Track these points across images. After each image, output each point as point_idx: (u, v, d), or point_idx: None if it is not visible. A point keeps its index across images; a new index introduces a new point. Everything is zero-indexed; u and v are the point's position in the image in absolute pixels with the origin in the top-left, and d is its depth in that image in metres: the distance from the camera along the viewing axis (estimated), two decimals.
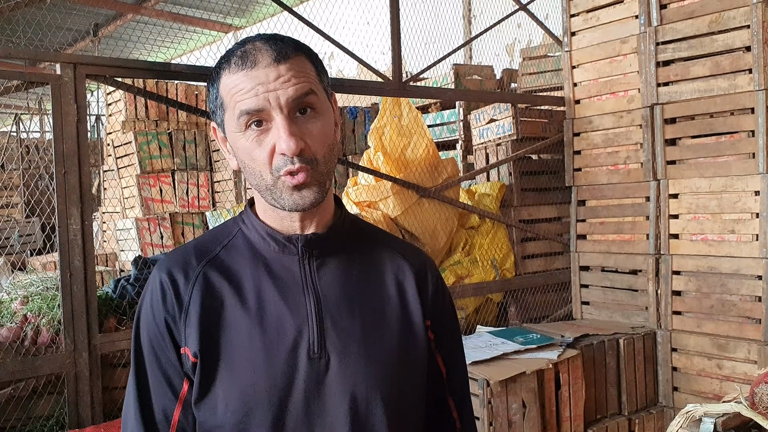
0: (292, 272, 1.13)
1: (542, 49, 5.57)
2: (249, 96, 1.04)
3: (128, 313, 2.83)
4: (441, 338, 1.24)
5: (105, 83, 2.84)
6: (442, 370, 1.24)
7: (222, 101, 1.09)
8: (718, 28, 3.48)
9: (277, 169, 1.05)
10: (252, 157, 1.07)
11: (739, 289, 3.43)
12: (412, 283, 1.20)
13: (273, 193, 1.08)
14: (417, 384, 1.17)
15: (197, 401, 1.08)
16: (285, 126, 1.04)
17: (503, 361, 3.11)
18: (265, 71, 1.05)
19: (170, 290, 1.10)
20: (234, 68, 1.07)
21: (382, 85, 3.54)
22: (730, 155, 3.48)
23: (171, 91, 7.09)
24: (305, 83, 1.07)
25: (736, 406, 1.33)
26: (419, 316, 1.18)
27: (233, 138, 1.09)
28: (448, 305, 1.27)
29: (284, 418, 1.06)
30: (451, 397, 1.27)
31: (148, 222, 6.60)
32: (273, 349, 1.07)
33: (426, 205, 3.78)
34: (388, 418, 1.10)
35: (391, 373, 1.12)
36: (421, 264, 1.24)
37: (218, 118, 1.12)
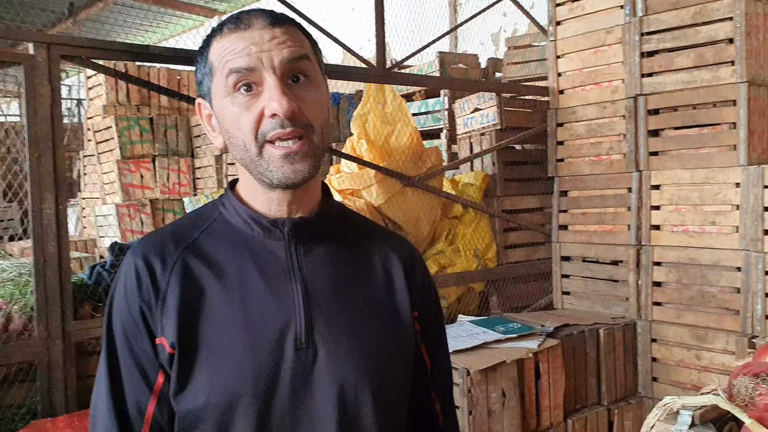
0: (277, 258, 1.07)
1: (527, 39, 5.55)
2: (241, 55, 0.99)
3: (104, 299, 2.79)
4: (427, 330, 1.21)
5: (81, 65, 2.78)
6: (427, 363, 1.22)
7: (211, 67, 1.04)
8: (702, 19, 3.48)
9: (263, 133, 1.00)
10: (238, 125, 1.01)
11: (719, 280, 3.45)
12: (401, 274, 1.16)
13: (258, 166, 1.02)
14: (404, 375, 1.14)
15: (176, 394, 1.02)
16: (277, 85, 0.99)
17: (484, 350, 3.11)
18: (260, 32, 1.00)
19: (146, 277, 1.04)
20: (226, 32, 1.02)
21: (366, 71, 3.50)
22: (712, 147, 3.48)
23: (153, 76, 7.01)
24: (300, 47, 1.03)
25: (713, 399, 1.32)
26: (407, 307, 1.15)
27: (220, 105, 1.03)
28: (435, 297, 1.24)
29: (269, 411, 1.01)
30: (435, 390, 1.24)
31: (129, 208, 6.53)
32: (258, 339, 1.02)
33: (409, 194, 3.76)
34: (376, 410, 1.06)
35: (379, 365, 1.08)
36: (410, 255, 1.20)
37: (205, 88, 1.07)
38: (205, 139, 6.96)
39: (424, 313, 1.20)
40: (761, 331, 3.26)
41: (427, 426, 1.25)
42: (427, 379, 1.22)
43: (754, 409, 1.29)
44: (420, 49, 3.78)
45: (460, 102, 4.53)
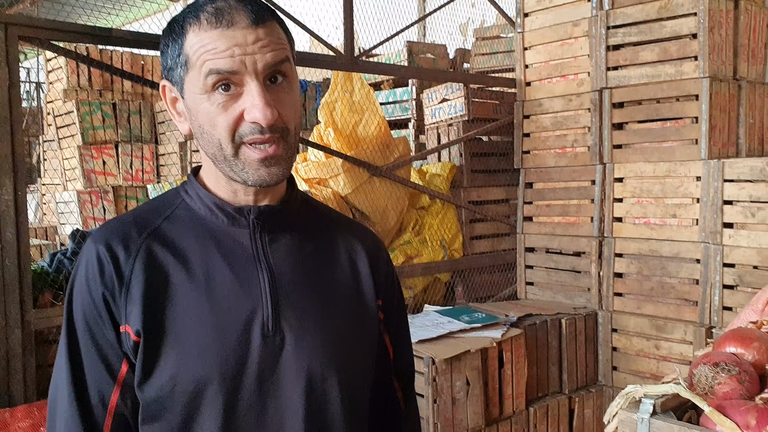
0: (242, 246, 1.07)
1: (495, 30, 5.58)
2: (223, 56, 0.96)
3: (64, 288, 2.74)
4: (390, 319, 1.22)
5: (40, 47, 2.71)
6: (389, 351, 1.23)
7: (187, 59, 1.00)
8: (667, 14, 3.53)
9: (241, 135, 0.99)
10: (213, 123, 0.99)
11: (678, 272, 3.52)
12: (365, 263, 1.17)
13: (233, 166, 1.01)
14: (368, 363, 1.15)
15: (141, 383, 1.00)
16: (261, 93, 0.97)
17: (449, 339, 3.13)
18: (243, 33, 0.97)
19: (109, 264, 1.02)
20: (206, 25, 0.98)
21: (334, 59, 3.48)
22: (675, 141, 3.54)
23: (116, 60, 6.87)
24: (282, 50, 1.01)
25: (674, 388, 1.35)
26: (372, 295, 1.16)
27: (194, 100, 1.01)
28: (398, 287, 1.26)
29: (236, 398, 1.01)
30: (396, 378, 1.26)
31: (90, 195, 6.41)
32: (224, 327, 1.01)
33: (377, 184, 3.75)
34: (342, 396, 1.07)
35: (345, 352, 1.09)
36: (374, 244, 1.21)
37: (176, 76, 1.03)
38: (170, 125, 6.86)
39: (387, 302, 1.21)
40: (719, 321, 3.34)
41: (388, 413, 1.26)
42: (390, 367, 1.24)
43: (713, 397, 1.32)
44: (388, 38, 3.77)
45: (428, 92, 4.53)
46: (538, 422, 3.40)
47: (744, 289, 3.26)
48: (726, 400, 1.31)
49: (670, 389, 1.37)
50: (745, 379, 1.33)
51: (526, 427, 3.35)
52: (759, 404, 1.29)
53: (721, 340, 1.44)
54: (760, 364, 1.40)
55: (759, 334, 1.45)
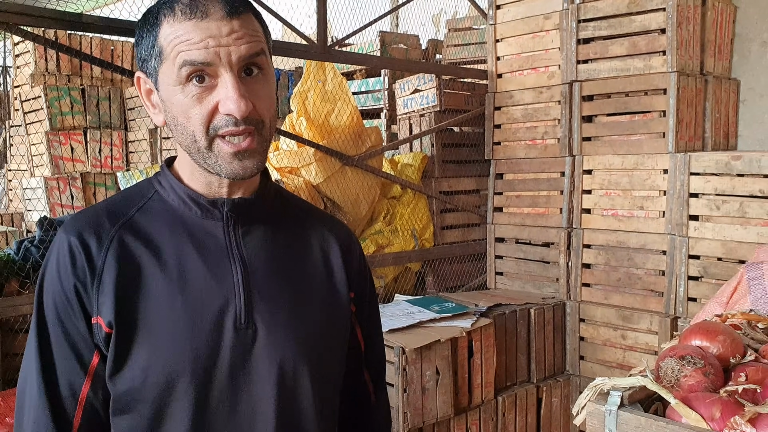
0: (215, 238, 1.07)
1: (468, 21, 5.59)
2: (197, 48, 0.96)
3: (32, 276, 2.71)
4: (362, 311, 1.23)
5: (9, 32, 2.67)
6: (361, 343, 1.24)
7: (161, 50, 0.99)
8: (636, 9, 3.57)
9: (215, 128, 0.98)
10: (188, 115, 0.99)
11: (645, 263, 3.58)
12: (338, 255, 1.17)
13: (207, 159, 1.01)
14: (340, 355, 1.16)
15: (112, 374, 1.00)
16: (235, 85, 0.97)
17: (419, 329, 3.16)
18: (218, 24, 0.97)
19: (81, 254, 1.01)
20: (180, 16, 0.97)
21: (307, 48, 3.47)
22: (643, 134, 3.60)
23: (85, 45, 6.77)
24: (257, 42, 1.01)
25: (641, 380, 1.38)
26: (344, 287, 1.17)
27: (168, 92, 1.00)
28: (370, 280, 1.27)
29: (208, 391, 1.01)
30: (368, 370, 1.27)
31: (58, 181, 6.31)
32: (197, 319, 1.01)
33: (349, 174, 3.75)
34: (314, 388, 1.08)
35: (317, 344, 1.09)
36: (346, 237, 1.22)
37: (150, 68, 1.02)
38: (140, 112, 6.77)
39: (359, 295, 1.22)
40: (683, 312, 3.41)
41: (358, 405, 1.28)
42: (361, 359, 1.25)
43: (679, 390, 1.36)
44: (362, 28, 3.77)
45: (400, 82, 4.54)
46: (506, 411, 3.44)
47: (708, 281, 3.34)
48: (691, 392, 1.34)
49: (637, 382, 1.40)
50: (710, 372, 1.37)
51: (494, 415, 3.39)
52: (723, 397, 1.32)
53: (687, 333, 1.48)
54: (724, 357, 1.43)
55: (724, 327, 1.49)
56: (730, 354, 1.45)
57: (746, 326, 1.58)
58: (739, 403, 1.31)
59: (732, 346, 1.45)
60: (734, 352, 1.44)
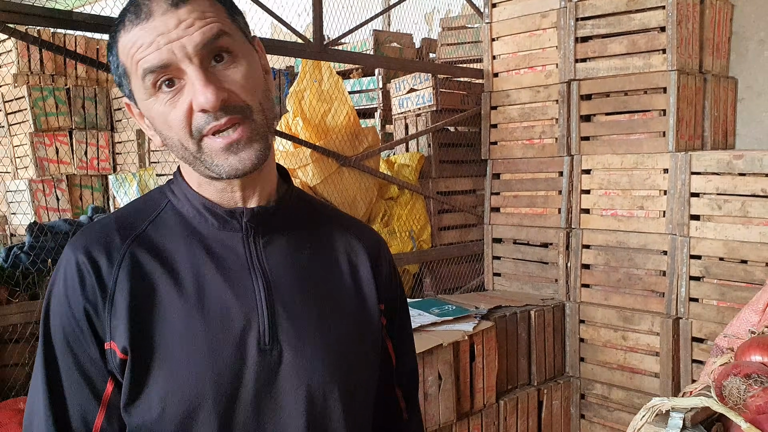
0: (235, 252, 0.99)
1: (462, 20, 5.54)
2: (150, 51, 0.88)
3: (22, 284, 2.61)
4: (393, 324, 1.15)
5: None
6: (392, 357, 1.16)
7: (124, 67, 0.92)
8: (636, 7, 3.54)
9: (198, 129, 0.90)
10: (168, 124, 0.91)
11: (645, 263, 3.55)
12: (367, 265, 1.09)
13: (204, 162, 0.92)
14: (371, 372, 1.08)
15: (127, 405, 0.92)
16: (198, 76, 0.88)
17: (420, 333, 3.10)
18: (163, 19, 0.88)
19: (90, 274, 0.93)
20: (128, 25, 0.90)
21: (303, 47, 3.40)
22: (642, 133, 3.56)
23: (70, 44, 6.64)
24: (213, 23, 0.90)
25: (705, 401, 1.30)
26: (374, 300, 1.08)
27: (146, 107, 0.93)
28: (400, 289, 1.18)
29: (231, 420, 0.93)
30: (399, 385, 1.19)
31: (43, 184, 6.20)
32: (218, 342, 0.93)
33: (346, 175, 3.69)
34: (345, 410, 1.00)
35: (347, 363, 1.01)
36: (375, 244, 1.13)
37: (126, 90, 0.95)
38: (125, 113, 6.66)
39: (390, 306, 1.14)
40: (685, 312, 3.38)
41: (389, 423, 1.20)
42: (392, 374, 1.17)
43: (746, 411, 1.29)
44: (357, 26, 3.70)
45: (395, 82, 4.48)
46: (508, 415, 3.40)
47: (710, 281, 3.31)
48: (760, 414, 1.27)
49: (700, 402, 1.32)
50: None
51: (496, 420, 3.34)
52: None
53: (745, 349, 1.41)
54: None
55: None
56: None
57: None
58: None
59: None
60: None
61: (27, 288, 2.65)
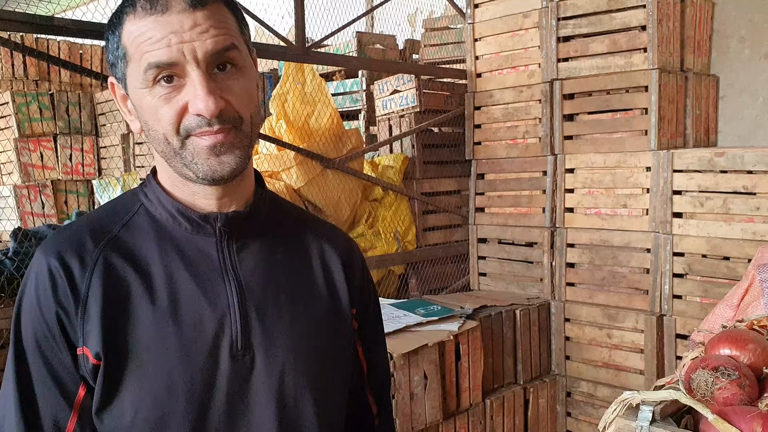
0: (208, 256, 0.98)
1: (444, 21, 5.56)
2: (160, 47, 0.88)
3: (6, 290, 2.60)
4: (364, 328, 1.15)
5: None
6: (363, 363, 1.16)
7: (125, 51, 0.92)
8: (617, 6, 3.56)
9: (186, 129, 0.90)
10: (157, 117, 0.91)
11: (629, 261, 3.57)
12: (340, 269, 1.09)
13: (183, 159, 0.92)
14: (343, 376, 1.09)
15: (100, 409, 0.92)
16: (202, 82, 0.88)
17: (406, 333, 3.10)
18: (179, 18, 0.88)
19: (62, 278, 0.92)
20: (141, 12, 0.89)
21: (285, 50, 3.40)
22: (625, 132, 3.58)
23: (53, 49, 6.60)
24: (226, 36, 0.91)
25: (674, 394, 1.32)
26: (347, 304, 1.08)
27: (137, 95, 0.92)
28: (373, 293, 1.18)
29: (204, 424, 0.94)
30: (371, 391, 1.19)
31: (28, 189, 6.15)
32: (190, 347, 0.93)
33: (330, 177, 3.69)
34: (317, 414, 1.00)
35: (320, 368, 1.02)
36: (348, 249, 1.14)
37: (119, 72, 0.95)
38: (112, 117, 6.63)
39: (362, 311, 1.14)
40: (669, 309, 3.40)
41: (363, 428, 1.20)
42: (364, 379, 1.17)
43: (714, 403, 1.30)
44: (340, 28, 3.71)
45: (378, 83, 4.48)
46: (494, 414, 3.41)
47: (693, 278, 3.33)
48: (727, 405, 1.29)
49: (670, 395, 1.34)
50: (745, 384, 1.31)
51: (482, 419, 3.35)
52: (764, 411, 1.26)
53: (715, 342, 1.43)
54: (756, 367, 1.37)
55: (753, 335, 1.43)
56: (762, 363, 1.38)
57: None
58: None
59: (763, 355, 1.38)
60: (766, 361, 1.39)
61: (12, 293, 2.64)
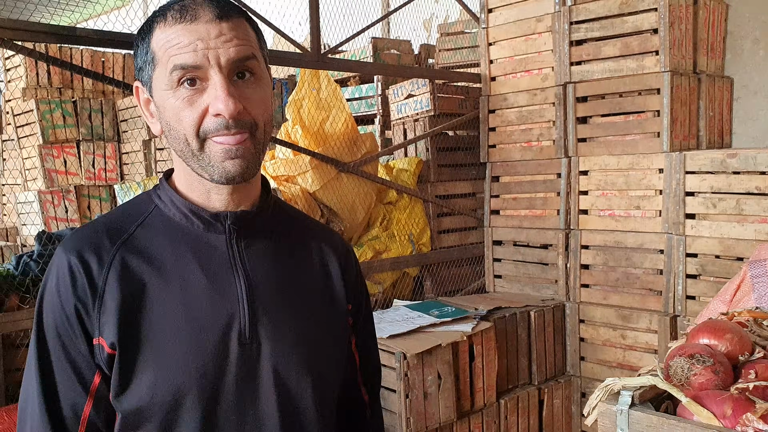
0: (218, 252, 1.06)
1: (459, 26, 5.60)
2: (187, 51, 0.96)
3: (32, 291, 2.69)
4: (358, 324, 1.24)
5: (3, 47, 2.66)
6: (356, 356, 1.24)
7: (153, 56, 1.00)
8: (628, 9, 3.59)
9: (205, 131, 0.98)
10: (179, 118, 0.99)
11: (643, 262, 3.59)
12: (336, 268, 1.18)
13: (200, 161, 1.00)
14: (339, 365, 1.17)
15: (118, 394, 1.00)
16: (223, 85, 0.97)
17: (419, 334, 3.15)
18: (206, 27, 0.97)
19: (81, 274, 1.00)
20: (171, 21, 0.99)
21: (301, 57, 3.47)
22: (637, 134, 3.61)
23: (76, 58, 6.75)
24: (247, 46, 1.00)
25: (652, 379, 1.39)
26: (343, 300, 1.17)
27: (161, 97, 1.00)
28: (366, 292, 1.28)
29: (216, 407, 1.01)
30: (364, 382, 1.27)
31: (52, 195, 6.28)
32: (202, 336, 1.01)
33: (345, 180, 3.75)
34: (316, 402, 1.08)
35: (319, 357, 1.10)
36: (344, 250, 1.23)
37: (145, 75, 1.03)
38: (134, 123, 6.76)
39: (356, 307, 1.22)
40: (682, 310, 3.41)
41: (354, 417, 1.28)
42: (356, 371, 1.25)
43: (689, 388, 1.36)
44: (355, 35, 3.77)
45: (393, 88, 4.54)
46: (508, 414, 3.44)
47: (707, 278, 3.34)
48: (702, 390, 1.35)
49: (648, 381, 1.41)
50: (719, 370, 1.38)
51: (497, 419, 3.39)
52: (734, 394, 1.33)
53: (694, 332, 1.49)
54: (733, 355, 1.44)
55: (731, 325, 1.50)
56: (738, 352, 1.45)
57: (753, 324, 1.58)
58: (750, 400, 1.32)
59: (740, 344, 1.45)
60: (742, 349, 1.45)
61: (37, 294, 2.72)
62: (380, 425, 1.33)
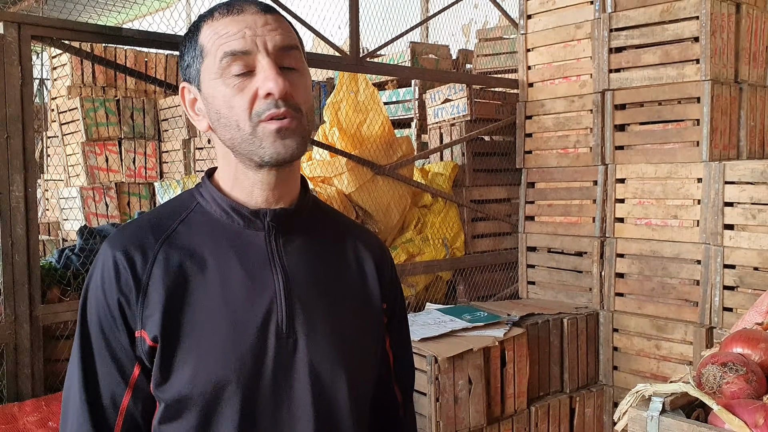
0: (258, 248, 1.09)
1: (498, 31, 5.61)
2: (236, 38, 1.02)
3: (73, 284, 2.76)
4: (392, 323, 1.26)
5: (52, 46, 2.74)
6: (389, 355, 1.27)
7: (202, 49, 1.06)
8: (669, 17, 3.56)
9: (257, 113, 1.02)
10: (230, 105, 1.03)
11: (679, 272, 3.55)
12: (372, 267, 1.20)
13: (252, 144, 1.03)
14: (373, 365, 1.19)
15: (159, 384, 1.03)
16: (272, 66, 1.02)
17: (451, 338, 3.16)
18: (253, 17, 1.04)
19: (126, 270, 1.04)
20: (218, 16, 1.05)
21: (340, 60, 3.51)
22: (676, 143, 3.57)
23: (120, 57, 6.90)
24: (292, 37, 1.07)
25: (683, 386, 1.38)
26: (378, 298, 1.19)
27: (210, 87, 1.05)
28: (400, 291, 1.30)
29: (253, 398, 1.05)
30: (397, 382, 1.29)
31: (93, 191, 6.44)
32: (241, 329, 1.04)
33: (380, 183, 3.78)
34: (350, 398, 1.10)
35: (353, 354, 1.12)
36: (380, 249, 1.25)
37: (193, 71, 1.08)
38: (174, 122, 6.88)
39: (391, 307, 1.24)
40: (719, 322, 3.37)
41: (387, 416, 1.30)
42: (390, 371, 1.27)
43: (721, 396, 1.36)
44: (393, 39, 3.80)
45: (430, 92, 4.56)
46: (539, 421, 3.43)
47: (744, 290, 3.29)
48: (734, 399, 1.34)
49: (679, 388, 1.40)
50: (752, 379, 1.37)
51: (527, 426, 3.38)
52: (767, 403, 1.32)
53: (728, 341, 1.47)
54: (766, 365, 1.43)
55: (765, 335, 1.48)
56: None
57: None
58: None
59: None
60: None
61: (77, 287, 2.79)
62: (413, 425, 1.35)
